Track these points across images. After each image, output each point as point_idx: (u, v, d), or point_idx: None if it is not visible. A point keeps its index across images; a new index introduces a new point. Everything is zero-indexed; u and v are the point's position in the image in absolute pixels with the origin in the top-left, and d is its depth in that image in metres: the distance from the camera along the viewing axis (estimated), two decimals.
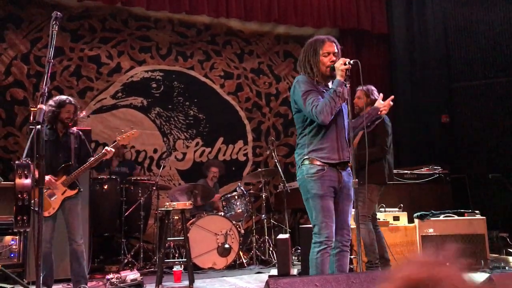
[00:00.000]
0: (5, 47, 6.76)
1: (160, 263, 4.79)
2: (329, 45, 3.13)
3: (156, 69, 7.62)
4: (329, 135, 3.06)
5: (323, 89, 3.12)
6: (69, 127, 4.36)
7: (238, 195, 6.32)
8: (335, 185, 3.04)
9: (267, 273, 5.34)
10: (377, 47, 8.63)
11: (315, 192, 2.99)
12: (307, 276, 1.98)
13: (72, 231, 4.25)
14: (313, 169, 3.00)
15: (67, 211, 4.26)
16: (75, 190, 4.32)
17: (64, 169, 4.29)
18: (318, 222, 2.97)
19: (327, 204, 2.99)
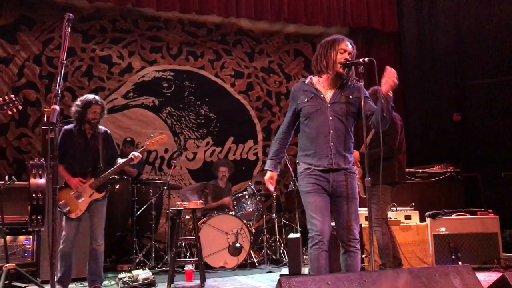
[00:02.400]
0: (18, 48, 6.83)
1: (171, 262, 4.82)
2: (344, 44, 3.12)
3: (167, 69, 7.65)
4: (313, 141, 3.07)
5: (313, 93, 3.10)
6: (96, 127, 4.37)
7: (249, 194, 6.33)
8: (322, 184, 3.03)
9: (278, 272, 5.35)
10: (387, 45, 8.58)
11: (302, 189, 3.09)
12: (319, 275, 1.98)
13: (95, 231, 4.29)
14: (301, 169, 3.14)
15: (92, 213, 4.30)
16: (102, 193, 4.35)
17: (93, 172, 4.31)
18: (308, 218, 3.04)
19: (314, 200, 3.01)
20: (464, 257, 5.02)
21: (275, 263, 6.09)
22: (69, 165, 4.26)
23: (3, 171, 6.51)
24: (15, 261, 4.68)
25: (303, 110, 3.13)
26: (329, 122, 3.05)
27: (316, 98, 3.10)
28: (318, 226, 2.96)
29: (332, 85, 3.14)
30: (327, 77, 3.13)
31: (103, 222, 4.38)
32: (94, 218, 4.32)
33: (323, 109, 3.07)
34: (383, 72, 3.02)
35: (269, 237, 6.49)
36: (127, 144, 6.61)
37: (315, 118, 3.07)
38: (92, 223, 4.32)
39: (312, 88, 3.15)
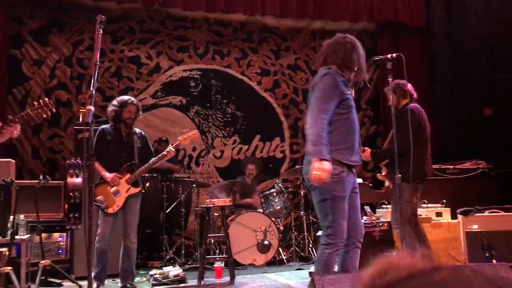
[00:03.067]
0: (49, 50, 7.00)
1: (201, 259, 4.87)
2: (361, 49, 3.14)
3: (194, 68, 7.72)
4: (350, 136, 3.02)
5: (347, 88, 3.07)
6: (131, 127, 4.49)
7: (276, 192, 6.34)
8: (351, 188, 3.05)
9: (308, 270, 5.35)
10: (415, 40, 8.43)
11: (337, 194, 2.93)
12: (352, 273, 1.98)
13: (128, 228, 4.39)
14: (335, 170, 2.89)
15: (127, 209, 4.40)
16: (138, 188, 4.46)
17: (128, 168, 4.43)
18: (334, 224, 2.91)
19: (344, 207, 2.96)
20: (498, 255, 4.91)
21: (304, 260, 6.09)
22: (105, 162, 4.39)
23: (37, 170, 6.69)
24: (50, 258, 4.82)
25: (347, 101, 3.02)
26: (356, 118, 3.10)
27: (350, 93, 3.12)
28: (344, 233, 2.93)
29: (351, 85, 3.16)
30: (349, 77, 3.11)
31: (137, 220, 4.47)
32: (128, 216, 4.42)
33: (354, 104, 3.12)
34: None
35: (298, 234, 6.48)
36: (162, 143, 6.73)
37: (353, 111, 3.07)
38: (126, 220, 4.42)
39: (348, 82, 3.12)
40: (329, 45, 3.14)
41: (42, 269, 4.42)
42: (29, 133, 6.63)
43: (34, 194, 4.61)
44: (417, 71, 8.13)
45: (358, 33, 8.23)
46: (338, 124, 2.97)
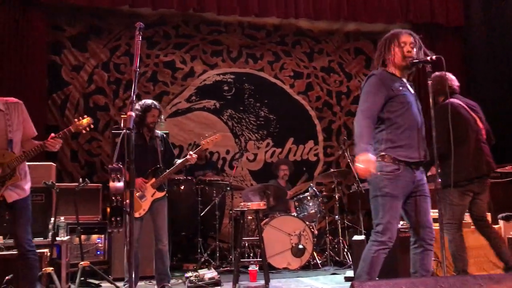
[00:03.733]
0: (87, 56, 7.19)
1: (236, 263, 4.88)
2: (405, 36, 3.08)
3: (228, 72, 7.78)
4: (408, 132, 2.96)
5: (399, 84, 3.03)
6: (153, 131, 4.56)
7: (311, 195, 6.30)
8: (409, 186, 2.98)
9: (343, 275, 5.29)
10: (452, 41, 8.24)
11: (388, 191, 2.91)
12: (393, 280, 1.94)
13: (159, 232, 4.44)
14: (388, 167, 2.92)
15: (155, 212, 4.46)
16: (163, 192, 4.51)
17: (153, 172, 4.49)
18: (384, 222, 2.91)
19: (397, 206, 2.94)
20: None
21: (339, 265, 6.03)
22: None
23: (75, 173, 6.88)
24: (88, 259, 4.94)
25: (401, 98, 2.98)
26: (418, 114, 3.04)
27: (406, 88, 3.06)
28: (393, 233, 2.93)
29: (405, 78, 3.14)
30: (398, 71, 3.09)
31: (166, 222, 4.52)
32: (157, 219, 4.46)
33: (413, 100, 3.05)
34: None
35: (332, 238, 6.42)
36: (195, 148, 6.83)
37: (410, 108, 3.00)
38: (156, 224, 4.47)
39: (397, 78, 3.07)
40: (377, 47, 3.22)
41: (81, 270, 4.53)
42: (68, 136, 6.81)
43: (73, 196, 4.73)
44: (453, 72, 7.90)
45: None
46: (391, 122, 2.97)
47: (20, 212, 3.52)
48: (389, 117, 2.98)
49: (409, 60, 3.02)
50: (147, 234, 4.82)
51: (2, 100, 3.52)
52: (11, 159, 3.45)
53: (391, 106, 2.97)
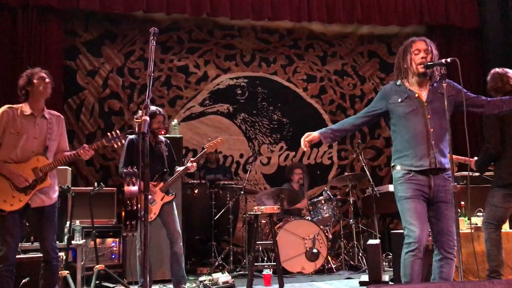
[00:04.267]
0: (102, 61, 7.26)
1: (250, 267, 4.87)
2: (418, 43, 3.10)
3: (241, 76, 7.80)
4: (412, 141, 3.02)
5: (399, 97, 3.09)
6: (158, 136, 4.62)
7: (325, 199, 6.27)
8: (424, 189, 2.98)
9: (357, 279, 5.25)
10: (468, 43, 8.16)
11: (401, 195, 3.02)
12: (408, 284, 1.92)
13: (174, 234, 4.46)
14: (399, 173, 3.07)
15: (166, 216, 4.49)
16: (171, 196, 4.55)
17: (161, 176, 4.53)
18: (406, 224, 2.98)
19: (414, 206, 2.96)
20: None
21: (354, 269, 5.98)
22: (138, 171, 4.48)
23: (91, 177, 6.93)
24: (103, 263, 4.96)
25: (397, 110, 3.09)
26: (428, 121, 3.01)
27: (410, 98, 3.08)
28: (417, 233, 2.92)
29: (423, 86, 3.12)
30: (414, 79, 3.12)
31: (178, 224, 4.55)
32: (170, 222, 4.49)
33: (419, 108, 3.04)
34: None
35: (347, 243, 6.38)
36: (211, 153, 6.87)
37: (411, 118, 3.04)
38: (169, 227, 4.49)
39: (405, 89, 3.13)
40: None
41: (96, 274, 4.56)
42: (84, 141, 6.87)
43: (88, 200, 4.77)
44: (471, 75, 7.87)
45: (407, 37, 7.96)
46: (395, 134, 3.15)
47: (47, 218, 3.62)
48: (393, 130, 3.16)
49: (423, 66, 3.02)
50: (156, 239, 4.85)
51: (47, 110, 3.73)
52: (44, 164, 3.60)
53: (392, 118, 3.16)
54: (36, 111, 3.66)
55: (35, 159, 3.59)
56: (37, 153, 3.61)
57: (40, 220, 3.60)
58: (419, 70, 3.05)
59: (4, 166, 3.50)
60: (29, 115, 3.63)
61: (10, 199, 3.48)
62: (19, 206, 3.49)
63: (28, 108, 3.63)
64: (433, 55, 3.07)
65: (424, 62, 3.03)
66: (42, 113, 3.69)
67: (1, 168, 3.49)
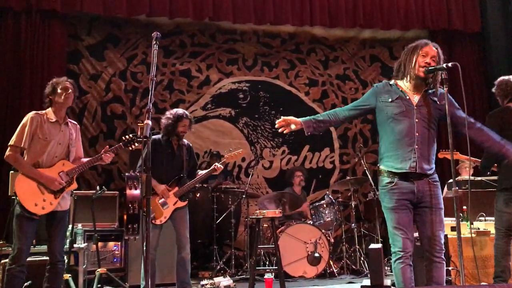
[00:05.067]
0: (105, 65, 7.29)
1: (252, 271, 4.87)
2: (429, 47, 3.06)
3: (243, 80, 7.82)
4: (397, 143, 2.99)
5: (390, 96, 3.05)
6: (182, 140, 4.60)
7: (327, 203, 6.27)
8: (407, 197, 2.96)
9: (359, 283, 5.23)
10: (470, 47, 8.17)
11: (385, 205, 3.02)
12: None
13: (182, 240, 4.44)
14: (383, 181, 3.05)
15: (177, 221, 4.47)
16: (185, 202, 4.52)
17: (177, 181, 4.51)
18: (390, 234, 3.00)
19: (397, 217, 2.96)
20: None
21: (355, 273, 5.98)
22: (156, 173, 4.46)
23: (93, 180, 6.95)
24: (105, 266, 4.97)
25: (386, 110, 3.05)
26: (415, 125, 2.97)
27: (401, 99, 3.04)
28: (401, 242, 2.94)
29: (418, 89, 3.07)
30: (411, 81, 3.07)
31: (188, 230, 4.53)
32: (180, 228, 4.47)
33: (408, 111, 3.00)
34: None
35: (349, 247, 6.37)
36: (214, 157, 6.95)
37: (399, 119, 3.00)
38: (179, 232, 4.47)
39: (397, 89, 3.09)
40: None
41: (98, 277, 4.57)
42: (86, 145, 6.89)
43: (90, 204, 4.78)
44: (473, 78, 7.88)
45: (409, 42, 7.99)
46: (381, 134, 3.12)
47: (59, 221, 3.72)
48: (380, 129, 3.13)
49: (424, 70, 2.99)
50: (166, 242, 4.85)
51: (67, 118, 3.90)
52: (70, 168, 3.76)
53: (378, 117, 3.12)
54: (60, 118, 3.80)
55: (60, 164, 3.73)
56: (61, 158, 3.76)
57: (51, 223, 3.69)
58: (419, 73, 2.99)
59: (35, 170, 3.62)
60: (55, 122, 3.76)
61: (41, 202, 3.59)
62: (50, 209, 3.63)
63: (53, 115, 3.77)
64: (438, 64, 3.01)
65: (427, 66, 2.99)
66: (65, 121, 3.84)
67: (32, 172, 3.61)
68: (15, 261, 3.49)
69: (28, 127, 3.64)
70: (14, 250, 3.51)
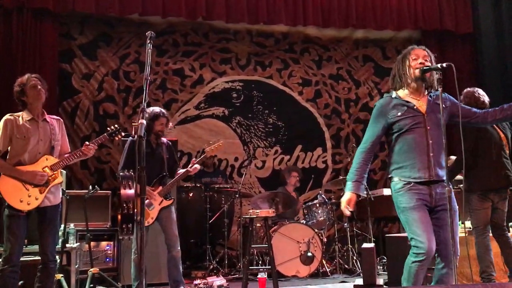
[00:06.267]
0: (97, 64, 7.25)
1: (245, 270, 4.86)
2: (418, 50, 3.08)
3: (236, 79, 7.82)
4: (411, 153, 2.97)
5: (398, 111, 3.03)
6: (160, 138, 4.57)
7: (319, 203, 6.28)
8: (425, 198, 2.93)
9: (352, 283, 5.24)
10: (462, 48, 8.22)
11: (405, 206, 2.94)
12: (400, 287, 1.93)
13: (172, 238, 4.42)
14: (398, 184, 3.00)
15: (164, 220, 4.45)
16: (170, 201, 4.51)
17: (160, 180, 4.49)
18: (413, 235, 2.90)
19: (420, 216, 2.89)
20: None
21: (348, 273, 5.99)
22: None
23: (85, 180, 6.91)
24: (98, 266, 4.94)
25: (397, 124, 3.02)
26: (427, 133, 2.97)
27: (410, 111, 3.02)
28: (427, 245, 2.83)
29: (420, 93, 3.07)
30: (410, 86, 3.06)
31: (176, 228, 4.52)
32: (168, 226, 4.44)
33: (419, 120, 2.99)
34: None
35: (341, 246, 6.39)
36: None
37: (412, 130, 2.99)
38: (168, 231, 4.45)
39: (402, 101, 3.05)
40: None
41: (91, 277, 4.55)
42: (79, 144, 6.85)
43: (83, 203, 4.76)
44: (464, 79, 7.91)
45: (402, 42, 8.12)
46: (395, 145, 3.07)
47: (50, 220, 3.72)
48: (391, 141, 3.09)
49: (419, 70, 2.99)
50: (154, 243, 4.84)
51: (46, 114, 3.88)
52: (53, 163, 3.77)
53: (392, 131, 3.08)
54: (36, 116, 3.79)
55: (43, 159, 3.75)
56: (44, 153, 3.77)
57: (42, 221, 3.69)
58: (416, 74, 3.00)
59: (16, 169, 3.64)
60: (31, 120, 3.76)
61: (26, 198, 3.61)
62: (36, 205, 3.63)
63: (29, 114, 3.77)
64: (431, 63, 3.03)
65: (421, 66, 2.99)
66: (43, 117, 3.83)
67: (13, 171, 3.64)
68: (7, 262, 3.49)
69: (2, 131, 3.67)
70: (6, 251, 3.52)
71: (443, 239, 2.93)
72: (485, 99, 4.56)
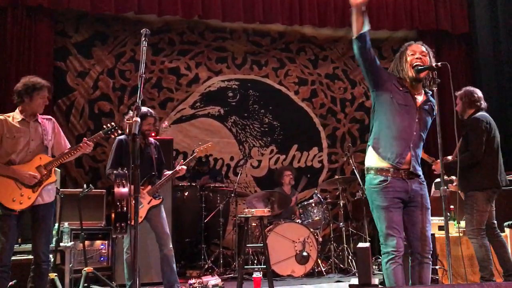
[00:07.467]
0: (93, 63, 7.21)
1: (240, 270, 4.86)
2: (415, 46, 3.07)
3: (232, 78, 7.80)
4: (395, 135, 2.93)
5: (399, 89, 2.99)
6: (148, 138, 4.56)
7: (315, 202, 6.28)
8: (401, 196, 2.93)
9: (347, 282, 5.24)
10: (458, 48, 8.24)
11: (378, 204, 2.94)
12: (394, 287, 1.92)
13: (163, 237, 4.41)
14: (375, 180, 2.96)
15: (154, 219, 4.43)
16: (159, 200, 4.49)
17: (149, 179, 4.47)
18: (382, 233, 2.94)
19: (391, 216, 2.91)
20: None
21: (343, 272, 6.00)
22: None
23: (80, 179, 6.88)
24: (92, 265, 4.92)
25: (394, 95, 2.96)
26: (414, 124, 2.96)
27: (408, 94, 3.00)
28: (395, 242, 2.89)
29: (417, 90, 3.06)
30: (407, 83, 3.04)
31: (167, 226, 4.50)
32: (158, 225, 4.43)
33: (411, 108, 2.97)
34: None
35: (337, 246, 6.39)
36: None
37: (402, 113, 2.95)
38: (158, 230, 4.43)
39: (406, 84, 3.03)
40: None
41: (85, 276, 4.52)
42: (74, 142, 6.81)
43: (77, 202, 4.73)
44: (460, 79, 7.93)
45: (398, 42, 8.12)
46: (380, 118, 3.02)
47: (42, 219, 3.72)
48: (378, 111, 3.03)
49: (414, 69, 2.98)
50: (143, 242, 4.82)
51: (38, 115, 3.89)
52: (47, 161, 3.77)
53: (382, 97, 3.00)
54: (27, 117, 3.81)
55: (37, 158, 3.76)
56: (37, 153, 3.77)
57: (35, 220, 3.68)
58: (411, 73, 2.97)
59: (8, 168, 3.64)
60: (22, 120, 3.77)
61: (18, 197, 3.60)
62: (29, 204, 3.62)
63: (20, 114, 3.79)
64: (430, 59, 3.01)
65: (418, 62, 2.97)
66: (35, 118, 3.84)
67: (5, 170, 3.63)
68: None
69: None
70: None
71: (417, 236, 2.97)
72: (481, 102, 4.54)
